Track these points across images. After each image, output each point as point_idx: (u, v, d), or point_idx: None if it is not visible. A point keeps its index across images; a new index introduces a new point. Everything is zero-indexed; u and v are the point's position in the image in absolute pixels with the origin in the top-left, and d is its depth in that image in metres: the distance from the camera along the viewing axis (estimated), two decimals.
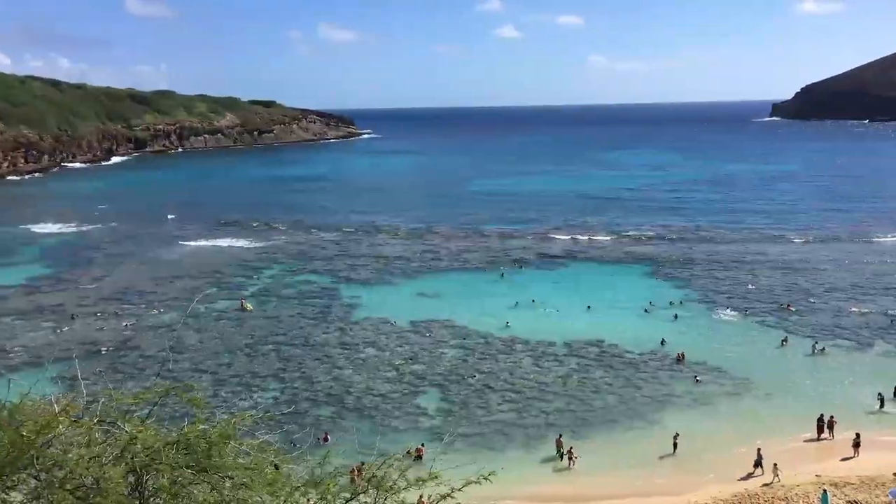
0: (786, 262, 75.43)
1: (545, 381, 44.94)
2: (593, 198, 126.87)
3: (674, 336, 52.15)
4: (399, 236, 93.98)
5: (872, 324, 54.72)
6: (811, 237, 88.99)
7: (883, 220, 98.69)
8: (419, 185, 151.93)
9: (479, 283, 70.08)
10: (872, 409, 39.94)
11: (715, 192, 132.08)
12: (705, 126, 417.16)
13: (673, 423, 37.89)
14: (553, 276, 72.38)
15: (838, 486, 31.64)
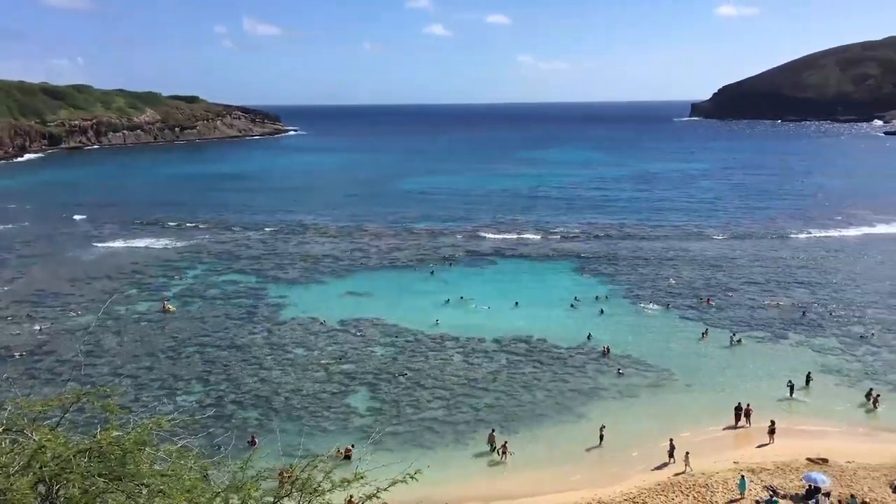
0: (706, 258, 78.00)
1: (475, 377, 45.21)
2: (521, 195, 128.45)
3: (600, 330, 53.28)
4: (328, 235, 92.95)
5: (786, 316, 57.14)
6: (729, 233, 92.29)
7: (795, 217, 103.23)
8: (348, 183, 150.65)
9: (408, 281, 69.98)
10: (784, 396, 41.69)
11: (638, 190, 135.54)
12: (628, 125, 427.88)
13: (599, 416, 38.73)
14: (482, 274, 72.90)
15: (755, 471, 32.92)
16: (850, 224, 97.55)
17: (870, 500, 30.21)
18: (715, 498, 30.65)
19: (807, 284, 66.50)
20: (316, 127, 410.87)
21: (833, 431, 37.82)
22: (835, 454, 34.70)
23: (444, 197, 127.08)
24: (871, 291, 64.00)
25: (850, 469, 33.21)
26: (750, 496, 30.48)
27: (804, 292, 63.74)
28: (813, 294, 63.19)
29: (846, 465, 33.56)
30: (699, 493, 31.06)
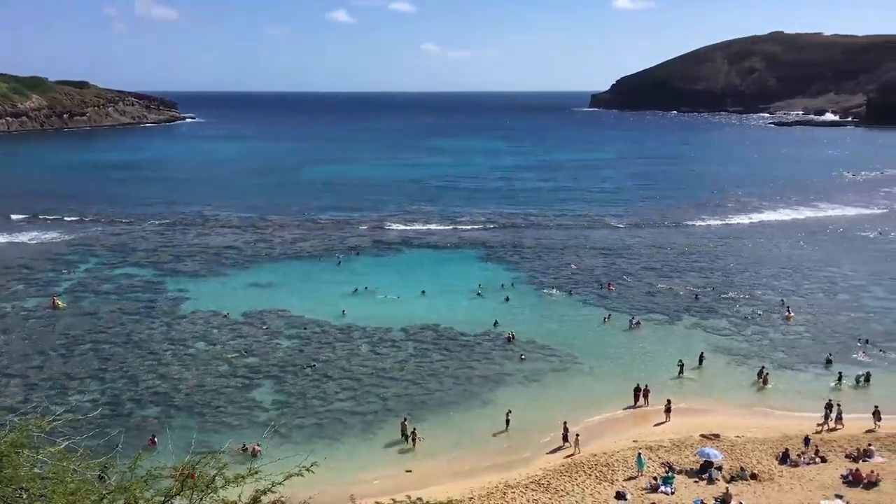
0: (606, 245, 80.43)
1: (383, 366, 45.08)
2: (428, 185, 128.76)
3: (505, 317, 54.12)
4: (229, 226, 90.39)
5: (681, 299, 59.67)
6: (628, 221, 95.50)
7: (689, 205, 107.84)
8: (250, 173, 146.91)
9: (314, 271, 69.01)
10: (676, 376, 43.60)
11: (542, 179, 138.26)
12: (532, 115, 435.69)
13: (506, 401, 39.36)
14: (389, 263, 72.69)
15: (653, 449, 34.28)
16: (740, 211, 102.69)
17: (758, 471, 31.97)
18: (616, 476, 31.72)
19: (699, 269, 69.59)
20: (216, 114, 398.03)
21: (724, 408, 39.79)
22: (726, 430, 36.55)
23: (349, 186, 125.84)
24: (757, 275, 67.60)
25: (740, 443, 35.06)
26: (648, 473, 31.72)
27: (697, 277, 66.68)
28: (705, 278, 66.18)
29: (736, 440, 35.41)
30: (601, 472, 32.07)
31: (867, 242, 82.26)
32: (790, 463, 32.82)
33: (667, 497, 29.89)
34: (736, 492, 29.96)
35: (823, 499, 29.59)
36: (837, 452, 34.01)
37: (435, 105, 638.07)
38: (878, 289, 62.63)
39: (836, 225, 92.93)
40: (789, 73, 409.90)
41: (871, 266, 70.62)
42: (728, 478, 31.40)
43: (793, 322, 53.65)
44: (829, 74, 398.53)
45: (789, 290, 62.04)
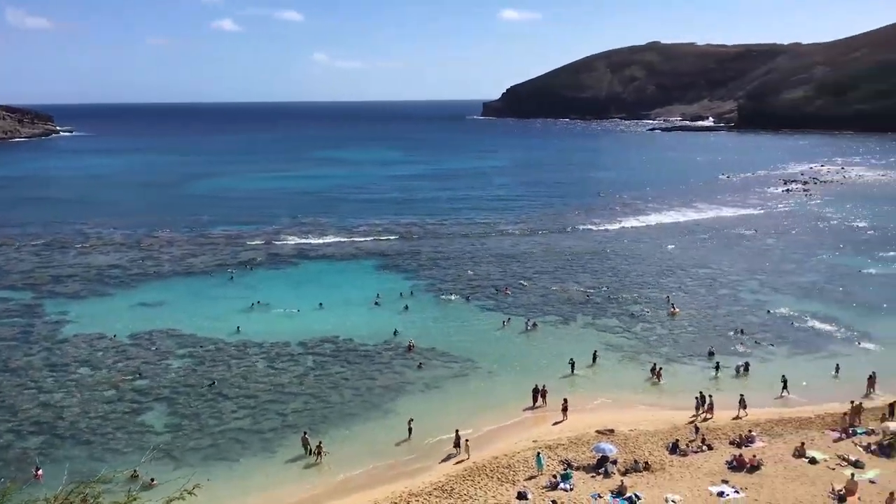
0: (502, 251, 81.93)
1: (281, 382, 44.18)
2: (323, 196, 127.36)
3: (405, 326, 54.16)
4: (113, 244, 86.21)
5: (573, 300, 61.48)
6: (522, 227, 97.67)
7: (579, 210, 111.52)
8: (134, 187, 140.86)
9: (205, 287, 66.84)
10: (568, 374, 44.91)
11: (438, 188, 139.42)
12: (425, 124, 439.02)
13: (407, 410, 39.36)
14: (285, 276, 71.34)
15: (551, 447, 35.14)
16: (627, 214, 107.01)
17: (650, 462, 33.32)
18: (517, 477, 32.29)
19: (591, 271, 71.94)
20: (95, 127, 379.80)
21: (618, 403, 41.22)
22: (620, 424, 37.90)
23: (241, 199, 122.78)
24: (644, 274, 70.58)
25: (633, 436, 36.44)
26: (548, 471, 32.47)
27: (589, 278, 68.90)
28: (596, 279, 68.48)
29: (630, 434, 36.77)
30: (503, 474, 32.58)
31: (743, 240, 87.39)
32: (679, 452, 34.38)
33: (566, 493, 30.67)
34: (630, 483, 31.10)
35: (711, 485, 31.16)
36: (722, 440, 35.87)
37: (327, 115, 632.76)
38: (753, 283, 66.60)
39: (715, 225, 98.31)
40: (667, 81, 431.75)
41: (747, 262, 75.07)
42: (623, 470, 32.56)
43: (678, 317, 56.30)
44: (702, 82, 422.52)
45: (674, 287, 65.07)
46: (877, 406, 39.52)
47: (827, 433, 36.40)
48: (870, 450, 34.10)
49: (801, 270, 71.48)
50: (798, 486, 31.03)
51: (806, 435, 36.03)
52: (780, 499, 29.92)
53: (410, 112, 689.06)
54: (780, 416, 39.00)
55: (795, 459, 33.45)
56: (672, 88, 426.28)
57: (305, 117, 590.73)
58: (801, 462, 33.22)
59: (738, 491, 30.57)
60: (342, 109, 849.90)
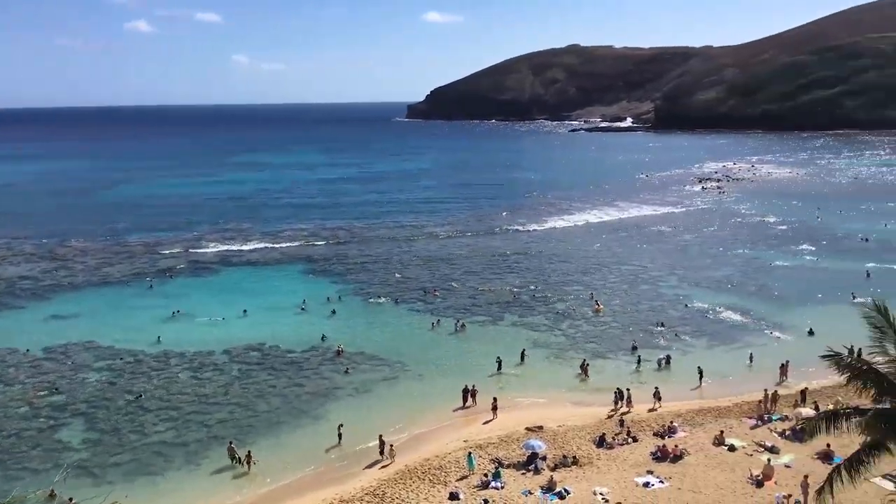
0: (430, 252, 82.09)
1: (205, 392, 43.05)
2: (245, 201, 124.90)
3: (333, 331, 53.60)
4: (23, 254, 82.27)
5: (501, 300, 62.09)
6: (449, 228, 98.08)
7: (505, 210, 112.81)
8: (45, 196, 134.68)
9: (124, 297, 64.57)
10: (495, 372, 45.37)
11: (364, 191, 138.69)
12: (350, 126, 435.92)
13: (337, 415, 38.94)
14: (207, 284, 69.58)
15: (482, 446, 35.36)
16: (552, 214, 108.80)
17: (578, 456, 33.93)
18: (449, 477, 32.36)
19: (517, 271, 72.82)
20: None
21: (546, 400, 41.82)
22: (548, 421, 38.45)
23: (159, 205, 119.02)
24: (569, 272, 71.90)
25: (562, 432, 37.03)
26: (479, 470, 32.65)
27: (515, 278, 69.73)
28: (522, 278, 69.36)
29: (558, 429, 37.35)
30: (434, 475, 32.59)
31: (662, 237, 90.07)
32: (606, 446, 35.13)
33: (497, 492, 30.91)
34: (560, 478, 31.58)
35: (637, 476, 31.96)
36: (647, 432, 36.84)
37: (250, 118, 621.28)
38: (672, 278, 68.71)
39: (636, 222, 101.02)
40: (587, 83, 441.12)
41: (667, 258, 77.42)
42: (552, 466, 33.03)
43: (602, 314, 57.55)
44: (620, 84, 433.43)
45: (598, 284, 66.50)
46: (790, 393, 41.29)
47: (744, 421, 37.85)
48: (784, 435, 35.63)
49: (717, 265, 74.14)
50: (718, 473, 32.15)
51: (725, 423, 37.37)
52: (701, 486, 30.93)
53: (335, 114, 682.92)
54: (701, 406, 40.33)
55: (715, 447, 34.65)
56: (592, 90, 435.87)
57: (227, 120, 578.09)
58: (720, 450, 34.43)
59: (663, 481, 31.45)
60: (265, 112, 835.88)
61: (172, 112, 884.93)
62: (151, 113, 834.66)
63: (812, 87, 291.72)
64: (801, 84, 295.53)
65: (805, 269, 71.82)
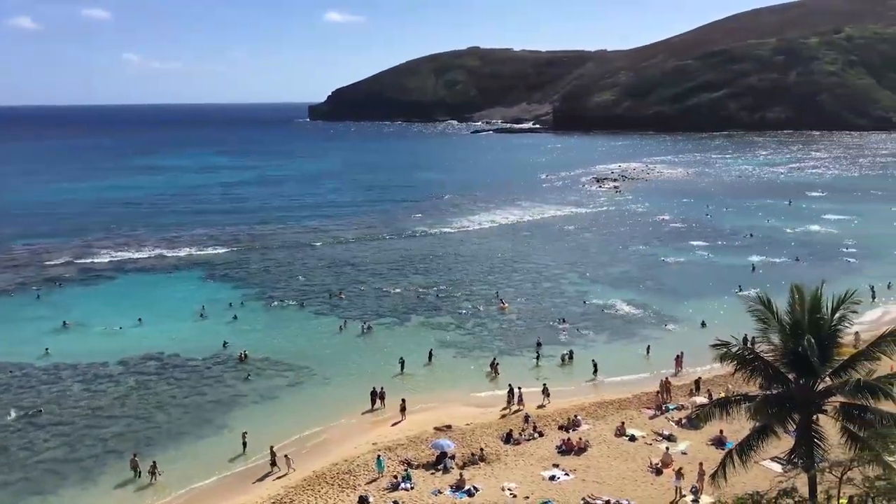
0: (335, 255, 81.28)
1: (100, 405, 41.17)
2: (140, 205, 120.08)
3: (236, 336, 52.25)
4: None
5: (408, 301, 62.16)
6: (354, 230, 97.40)
7: (410, 211, 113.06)
8: None
9: (8, 308, 60.83)
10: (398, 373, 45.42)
11: (267, 193, 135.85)
12: (251, 127, 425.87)
13: (242, 423, 38.01)
14: (99, 292, 66.50)
15: (391, 448, 35.30)
16: (457, 215, 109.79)
17: (487, 453, 34.38)
18: (358, 481, 32.12)
19: (423, 271, 73.09)
20: None
21: (454, 399, 42.14)
22: (457, 419, 38.80)
23: (45, 212, 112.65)
24: (474, 272, 72.74)
25: (470, 430, 37.44)
26: (389, 473, 32.58)
27: (422, 278, 69.95)
28: (429, 279, 69.67)
29: (466, 428, 37.75)
30: (343, 480, 32.28)
31: (563, 235, 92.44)
32: (513, 442, 35.76)
33: (407, 493, 30.94)
34: (469, 476, 31.92)
35: (543, 470, 32.70)
36: (552, 426, 37.71)
37: (144, 119, 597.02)
38: (573, 275, 70.64)
39: (538, 222, 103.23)
40: (488, 84, 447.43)
41: (568, 256, 79.50)
42: (461, 464, 33.35)
43: (507, 312, 58.55)
44: (521, 86, 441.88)
45: (502, 283, 67.58)
46: (685, 383, 43.24)
47: (643, 412, 39.36)
48: (681, 424, 37.27)
49: (616, 262, 76.75)
50: (620, 463, 33.31)
51: (626, 415, 38.74)
52: (605, 476, 31.96)
53: (235, 115, 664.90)
54: (603, 399, 41.63)
55: (617, 438, 35.88)
56: (493, 92, 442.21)
57: (118, 121, 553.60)
58: (622, 440, 35.69)
59: (568, 473, 32.31)
60: (161, 113, 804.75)
61: (58, 113, 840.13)
62: (35, 115, 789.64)
63: (699, 89, 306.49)
64: (688, 87, 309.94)
65: (697, 264, 75.33)
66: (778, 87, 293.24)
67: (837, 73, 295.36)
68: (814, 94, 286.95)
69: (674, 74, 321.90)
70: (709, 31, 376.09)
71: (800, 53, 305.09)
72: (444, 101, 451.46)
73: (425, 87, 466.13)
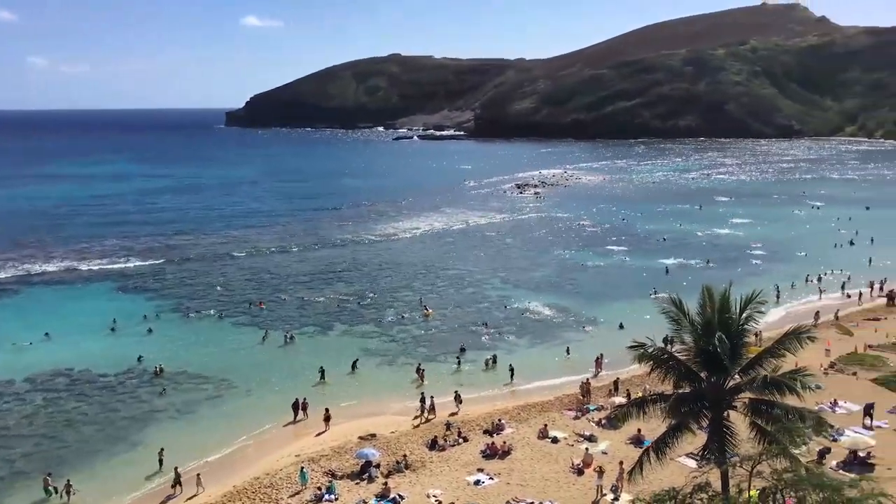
0: (254, 263, 79.67)
1: (6, 425, 39.12)
2: (47, 215, 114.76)
3: (151, 350, 50.46)
4: None
5: (331, 309, 61.50)
6: (274, 238, 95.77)
7: (332, 219, 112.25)
8: None
9: None
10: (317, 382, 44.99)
11: (184, 202, 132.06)
12: (167, 134, 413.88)
13: (158, 440, 36.74)
14: (3, 306, 63.15)
15: (315, 460, 34.76)
16: (380, 221, 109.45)
17: (412, 460, 34.29)
18: (280, 495, 31.48)
19: (346, 279, 72.46)
20: None
21: (379, 408, 41.87)
22: (381, 428, 38.57)
23: None
24: (398, 279, 72.62)
25: (395, 438, 37.28)
26: (312, 484, 32.06)
27: (345, 286, 69.33)
28: (352, 287, 69.12)
29: (391, 436, 37.56)
30: (266, 494, 31.59)
31: (486, 241, 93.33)
32: (438, 448, 35.80)
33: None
34: (394, 484, 31.76)
35: (468, 475, 32.84)
36: (476, 431, 37.95)
37: (52, 125, 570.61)
38: (496, 280, 71.42)
39: (461, 228, 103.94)
40: (409, 91, 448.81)
41: (491, 262, 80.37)
42: (386, 473, 33.14)
43: (431, 318, 58.66)
44: (442, 93, 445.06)
45: (426, 289, 67.70)
46: (605, 384, 44.27)
47: (565, 413, 40.08)
48: (601, 424, 38.11)
49: (537, 266, 78.01)
50: (544, 465, 33.79)
51: (548, 417, 39.38)
52: (528, 479, 32.35)
53: (149, 121, 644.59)
54: (526, 402, 42.16)
55: (540, 441, 36.40)
56: (415, 99, 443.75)
57: (24, 127, 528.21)
58: (545, 442, 36.22)
59: (493, 477, 32.56)
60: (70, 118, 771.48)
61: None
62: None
63: (614, 98, 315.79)
64: (604, 95, 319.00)
65: (614, 268, 77.35)
66: (688, 97, 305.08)
67: (743, 83, 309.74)
68: (722, 103, 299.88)
69: (590, 83, 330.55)
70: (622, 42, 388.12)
71: (708, 64, 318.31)
72: (365, 107, 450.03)
73: (346, 94, 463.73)
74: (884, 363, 45.26)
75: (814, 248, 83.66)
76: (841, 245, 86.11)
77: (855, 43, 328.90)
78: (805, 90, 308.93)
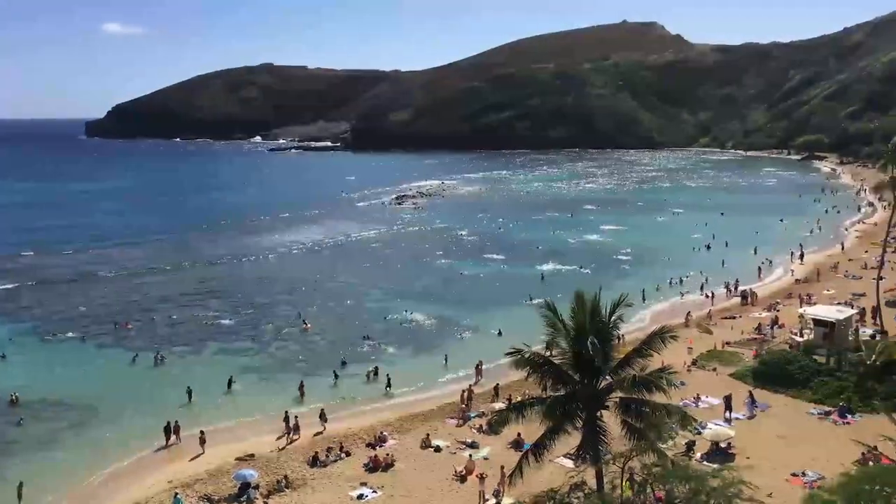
0: (119, 282, 75.76)
1: None
2: None
3: (5, 378, 46.81)
4: None
5: (204, 327, 59.23)
6: (141, 254, 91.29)
7: (203, 233, 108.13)
8: None
9: None
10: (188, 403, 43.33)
11: (38, 216, 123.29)
12: (16, 145, 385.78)
13: (15, 473, 34.03)
14: None
15: (190, 485, 33.29)
16: (254, 235, 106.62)
17: (292, 479, 33.50)
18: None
19: (220, 296, 69.96)
20: None
21: (257, 427, 40.64)
22: (260, 447, 37.46)
23: None
24: (275, 293, 70.96)
25: (275, 457, 36.32)
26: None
27: (218, 303, 66.97)
28: (226, 302, 66.93)
29: (271, 455, 36.59)
30: None
31: (366, 253, 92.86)
32: (320, 464, 35.17)
33: None
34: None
35: (351, 489, 32.44)
36: (359, 444, 37.58)
37: None
38: (376, 292, 71.21)
39: (341, 241, 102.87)
40: (283, 102, 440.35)
41: (370, 273, 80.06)
42: (266, 493, 32.22)
43: (310, 332, 57.71)
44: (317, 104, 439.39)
45: (305, 303, 66.48)
46: (486, 390, 44.98)
47: (447, 422, 40.41)
48: (482, 430, 38.67)
49: (416, 276, 78.44)
50: (427, 474, 33.90)
51: (430, 426, 39.56)
52: (412, 490, 32.36)
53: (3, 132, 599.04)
54: (408, 412, 42.19)
55: (423, 451, 36.50)
56: (289, 109, 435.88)
57: None
58: (428, 452, 36.37)
59: (376, 490, 32.33)
60: None
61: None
62: None
63: (489, 110, 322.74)
64: (479, 108, 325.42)
65: (492, 276, 78.93)
66: (558, 109, 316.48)
67: (607, 96, 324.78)
68: (589, 116, 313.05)
69: (465, 95, 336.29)
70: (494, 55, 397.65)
71: (575, 78, 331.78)
72: (238, 118, 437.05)
73: (217, 104, 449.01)
74: (739, 359, 48.55)
75: (676, 253, 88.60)
76: (699, 249, 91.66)
77: (707, 60, 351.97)
78: (664, 104, 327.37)
